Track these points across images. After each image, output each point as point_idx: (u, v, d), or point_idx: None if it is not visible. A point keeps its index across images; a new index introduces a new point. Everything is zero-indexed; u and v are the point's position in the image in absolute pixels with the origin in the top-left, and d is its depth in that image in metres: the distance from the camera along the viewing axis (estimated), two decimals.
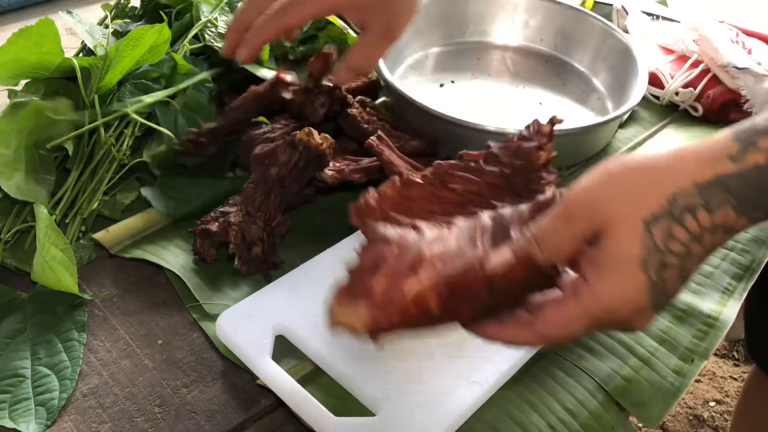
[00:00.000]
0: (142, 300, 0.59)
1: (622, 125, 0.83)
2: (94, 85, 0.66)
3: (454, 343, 0.52)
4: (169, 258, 0.61)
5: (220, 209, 0.61)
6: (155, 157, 0.67)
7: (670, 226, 0.36)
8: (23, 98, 0.65)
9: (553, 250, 0.38)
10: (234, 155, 0.68)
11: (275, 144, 0.61)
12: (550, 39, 0.93)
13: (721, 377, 1.50)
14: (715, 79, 0.83)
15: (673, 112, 0.86)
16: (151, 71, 0.70)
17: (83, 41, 0.74)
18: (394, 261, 0.40)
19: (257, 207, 0.60)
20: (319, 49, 0.73)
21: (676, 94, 0.85)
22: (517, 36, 0.94)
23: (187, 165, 0.67)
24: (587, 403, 0.52)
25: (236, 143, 0.68)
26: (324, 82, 0.68)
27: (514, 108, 0.83)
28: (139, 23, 0.79)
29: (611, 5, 1.00)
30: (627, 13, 0.96)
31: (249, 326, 0.52)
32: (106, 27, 0.74)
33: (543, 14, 0.92)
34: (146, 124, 0.66)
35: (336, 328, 0.40)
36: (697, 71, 0.84)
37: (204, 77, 0.72)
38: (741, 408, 1.09)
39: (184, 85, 0.70)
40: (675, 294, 0.38)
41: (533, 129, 0.50)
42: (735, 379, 1.50)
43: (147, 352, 0.55)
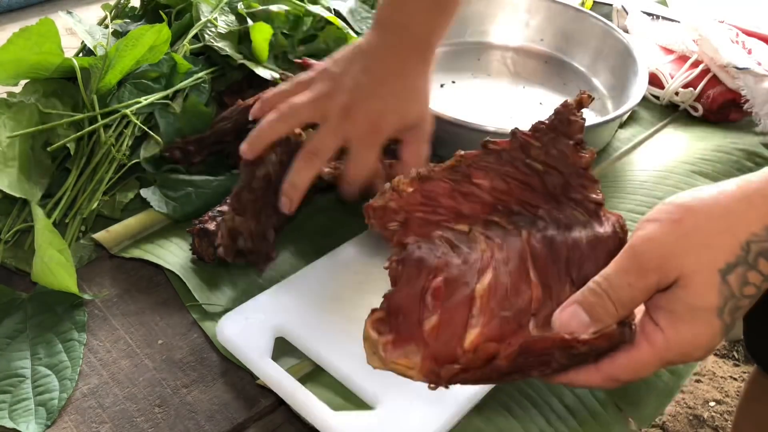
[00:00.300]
0: (142, 300, 0.59)
1: (622, 125, 0.83)
2: (94, 86, 0.66)
3: None
4: (168, 258, 0.61)
5: (218, 208, 0.61)
6: (149, 160, 0.67)
7: (745, 273, 0.37)
8: (17, 99, 0.65)
9: (628, 305, 0.38)
10: (235, 156, 0.68)
11: None
12: (550, 39, 0.93)
13: (721, 377, 1.50)
14: (715, 79, 0.83)
15: (673, 112, 0.86)
16: (151, 71, 0.70)
17: (83, 41, 0.74)
18: (441, 295, 0.38)
19: (244, 204, 0.59)
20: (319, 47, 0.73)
21: (676, 94, 0.84)
22: (518, 36, 0.94)
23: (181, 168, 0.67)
24: (586, 400, 0.52)
25: (235, 145, 0.68)
26: None
27: (515, 108, 0.83)
28: (139, 23, 0.79)
29: (611, 5, 1.00)
30: (627, 13, 0.96)
31: (250, 331, 0.52)
32: (106, 27, 0.74)
33: (543, 14, 0.92)
34: (142, 128, 0.66)
35: (381, 369, 0.39)
36: (697, 71, 0.84)
37: (202, 76, 0.72)
38: (742, 408, 1.09)
39: (182, 85, 0.70)
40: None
41: (563, 117, 0.46)
42: (735, 379, 1.49)
43: (147, 352, 0.55)
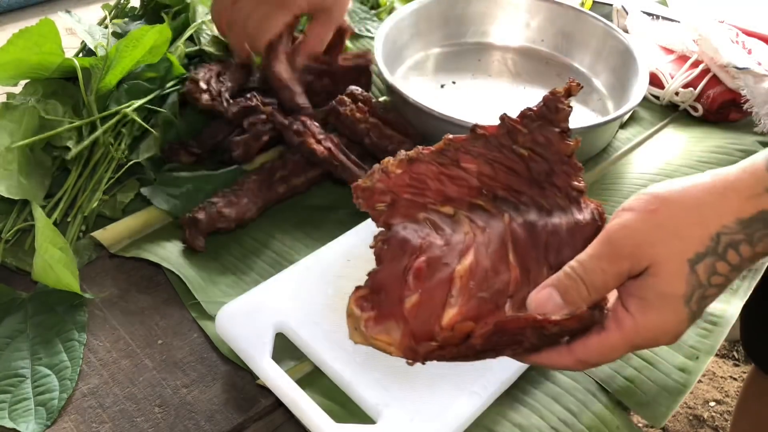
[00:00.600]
0: (142, 300, 0.59)
1: (623, 125, 0.83)
2: (95, 86, 0.66)
3: None
4: (168, 257, 0.61)
5: (208, 200, 0.63)
6: (148, 159, 0.67)
7: (714, 263, 0.38)
8: (16, 101, 0.65)
9: (600, 289, 0.39)
10: (229, 153, 0.69)
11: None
12: (550, 39, 0.93)
13: (721, 377, 1.50)
14: (715, 79, 0.83)
15: (673, 112, 0.86)
16: (147, 72, 0.70)
17: (83, 41, 0.74)
18: (422, 274, 0.39)
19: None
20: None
21: (676, 94, 0.84)
22: (518, 36, 0.94)
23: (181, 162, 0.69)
24: (590, 403, 0.52)
25: (230, 142, 0.69)
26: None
27: (515, 109, 0.83)
28: (139, 23, 0.79)
29: (611, 5, 1.00)
30: (627, 13, 0.96)
31: (248, 323, 0.52)
32: (106, 27, 0.74)
33: (544, 15, 0.92)
34: (143, 125, 0.67)
35: (363, 344, 0.39)
36: (697, 71, 0.84)
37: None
38: (740, 407, 1.09)
39: (174, 89, 0.71)
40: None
41: (551, 104, 0.47)
42: (735, 379, 1.49)
43: (147, 352, 0.55)
